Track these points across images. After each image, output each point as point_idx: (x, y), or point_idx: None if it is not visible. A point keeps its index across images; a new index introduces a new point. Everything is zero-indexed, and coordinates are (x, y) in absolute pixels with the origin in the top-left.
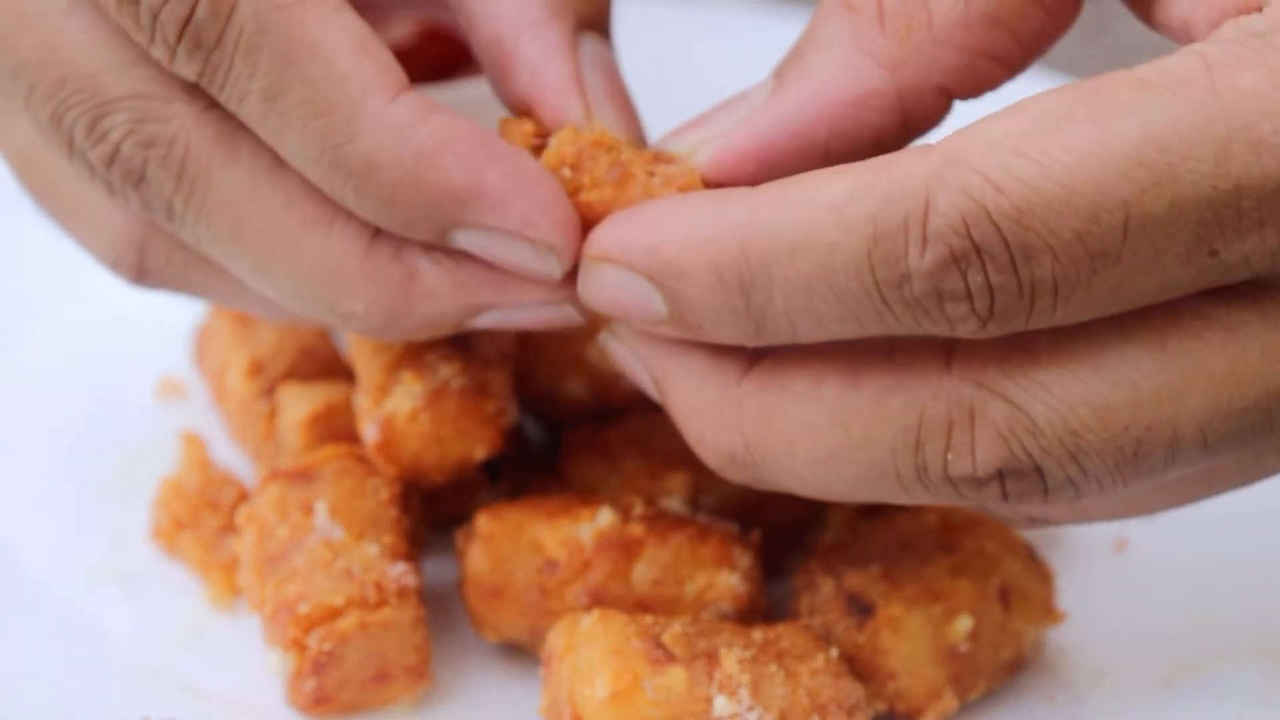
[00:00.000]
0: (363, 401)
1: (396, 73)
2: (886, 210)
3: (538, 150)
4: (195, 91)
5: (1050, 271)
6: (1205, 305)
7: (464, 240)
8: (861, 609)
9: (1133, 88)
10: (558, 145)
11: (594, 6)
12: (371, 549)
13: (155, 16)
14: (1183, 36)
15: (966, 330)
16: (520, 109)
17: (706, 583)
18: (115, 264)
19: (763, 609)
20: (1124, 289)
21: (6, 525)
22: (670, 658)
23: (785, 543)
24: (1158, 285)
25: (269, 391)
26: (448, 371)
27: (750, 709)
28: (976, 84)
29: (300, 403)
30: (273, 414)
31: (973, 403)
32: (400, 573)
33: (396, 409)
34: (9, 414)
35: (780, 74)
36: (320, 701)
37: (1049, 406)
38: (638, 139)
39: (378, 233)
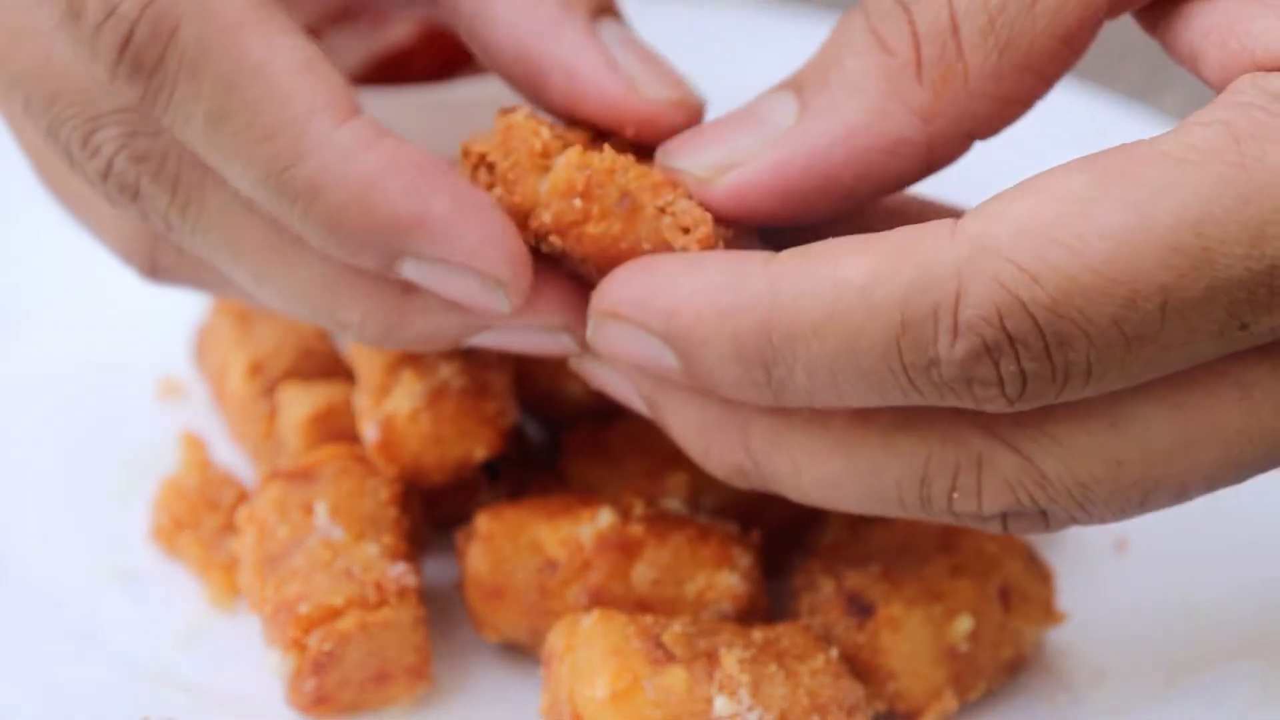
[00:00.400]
0: (363, 401)
1: (346, 96)
2: (915, 297)
3: (542, 165)
4: None
5: (1085, 356)
6: (1221, 363)
7: (411, 271)
8: (862, 609)
9: (1159, 164)
10: (566, 169)
11: None
12: (371, 549)
13: (97, 34)
14: (1189, 64)
15: (993, 408)
16: (568, 116)
17: (706, 583)
18: (128, 260)
19: (763, 609)
20: (1154, 364)
21: (6, 525)
22: (670, 658)
23: (785, 543)
24: (1187, 358)
25: (269, 391)
26: (448, 372)
27: (750, 709)
28: (1000, 125)
29: (300, 403)
30: (273, 414)
31: (981, 451)
32: (400, 573)
33: (397, 409)
34: (9, 414)
35: (806, 101)
36: (320, 701)
37: (1060, 460)
38: (690, 95)
39: None
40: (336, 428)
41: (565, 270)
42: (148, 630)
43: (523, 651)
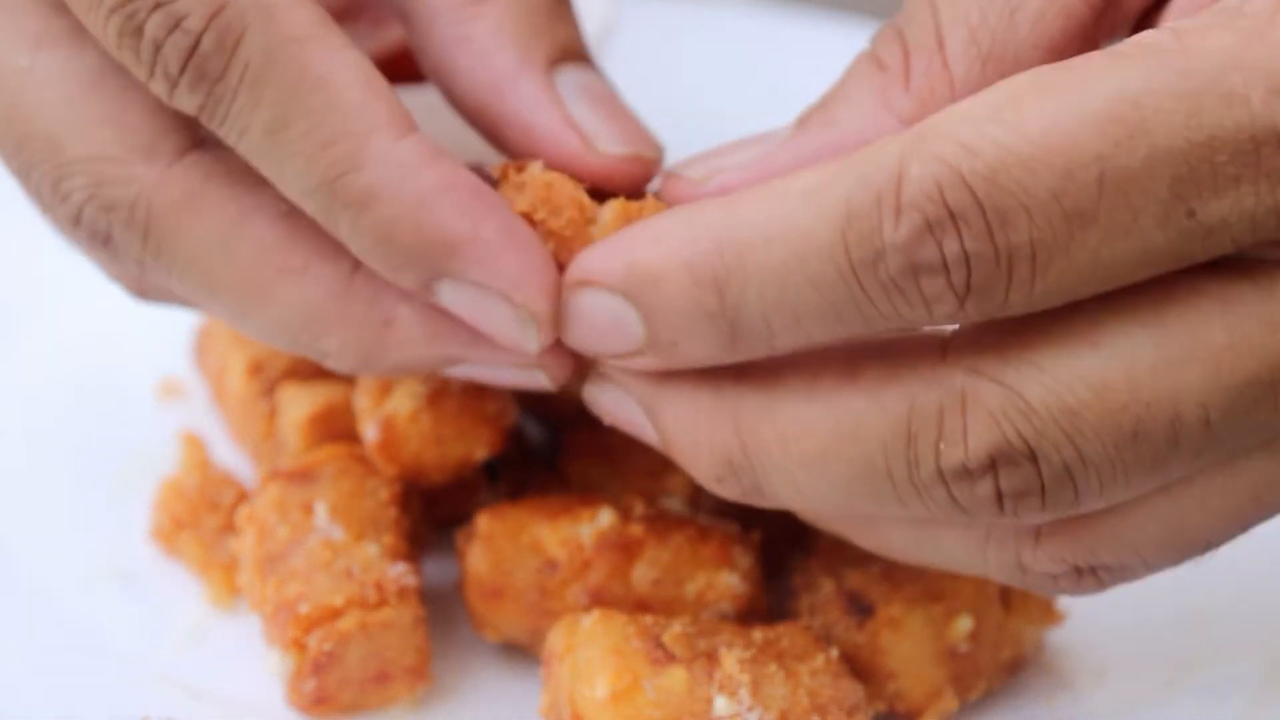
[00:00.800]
0: (363, 401)
1: (405, 114)
2: (859, 187)
3: (588, 219)
4: (156, 151)
5: (1027, 235)
6: (1199, 280)
7: (447, 293)
8: (862, 609)
9: (1103, 58)
10: (614, 220)
11: (562, 38)
12: (371, 549)
13: (159, 48)
14: None
15: (944, 311)
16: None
17: (707, 583)
18: (117, 281)
19: (763, 609)
20: (1103, 256)
21: (6, 525)
22: (670, 658)
23: (785, 543)
24: (1138, 251)
25: (269, 391)
26: None
27: (750, 709)
28: None
29: (300, 403)
30: (273, 414)
31: (964, 388)
32: (400, 573)
33: (397, 409)
34: (9, 414)
35: (803, 120)
36: (320, 702)
37: (1043, 385)
38: (647, 147)
39: (354, 274)
40: (336, 428)
41: None
42: (148, 630)
43: (523, 651)
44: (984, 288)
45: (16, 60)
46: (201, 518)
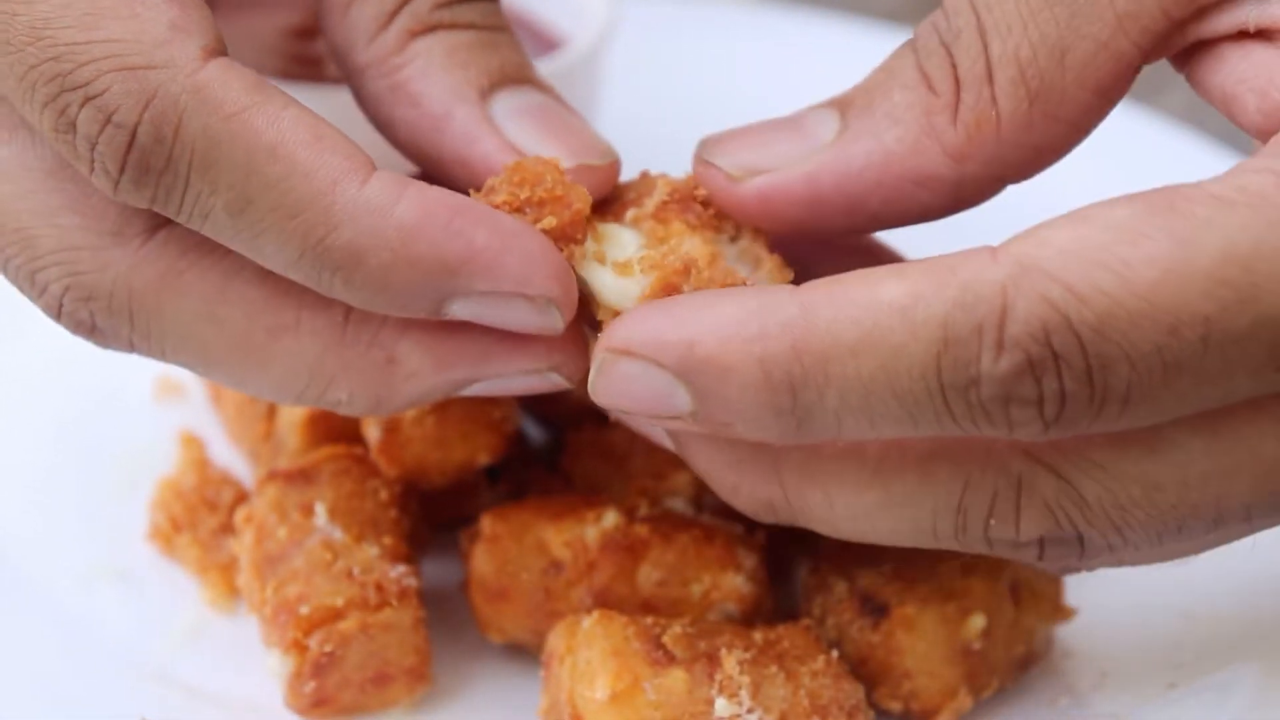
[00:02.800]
0: None
1: (360, 154)
2: (959, 314)
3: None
4: (126, 233)
5: (1125, 381)
6: (1263, 399)
7: (460, 309)
8: (875, 609)
9: (1208, 204)
10: (670, 255)
11: (494, 65)
12: (371, 550)
13: (93, 146)
14: (1223, 107)
15: (1026, 433)
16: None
17: (712, 584)
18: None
19: (768, 610)
20: (1189, 397)
21: (4, 525)
22: (670, 659)
23: (790, 543)
24: (1221, 394)
25: None
26: None
27: (750, 710)
28: (1031, 171)
29: None
30: (271, 414)
31: (1021, 474)
32: (401, 574)
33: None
34: (8, 414)
35: (848, 122)
36: (320, 703)
37: (1099, 482)
38: (594, 155)
39: (347, 319)
40: (335, 428)
41: None
42: (146, 631)
43: (527, 653)
44: (1071, 419)
45: (41, 130)
46: (199, 518)
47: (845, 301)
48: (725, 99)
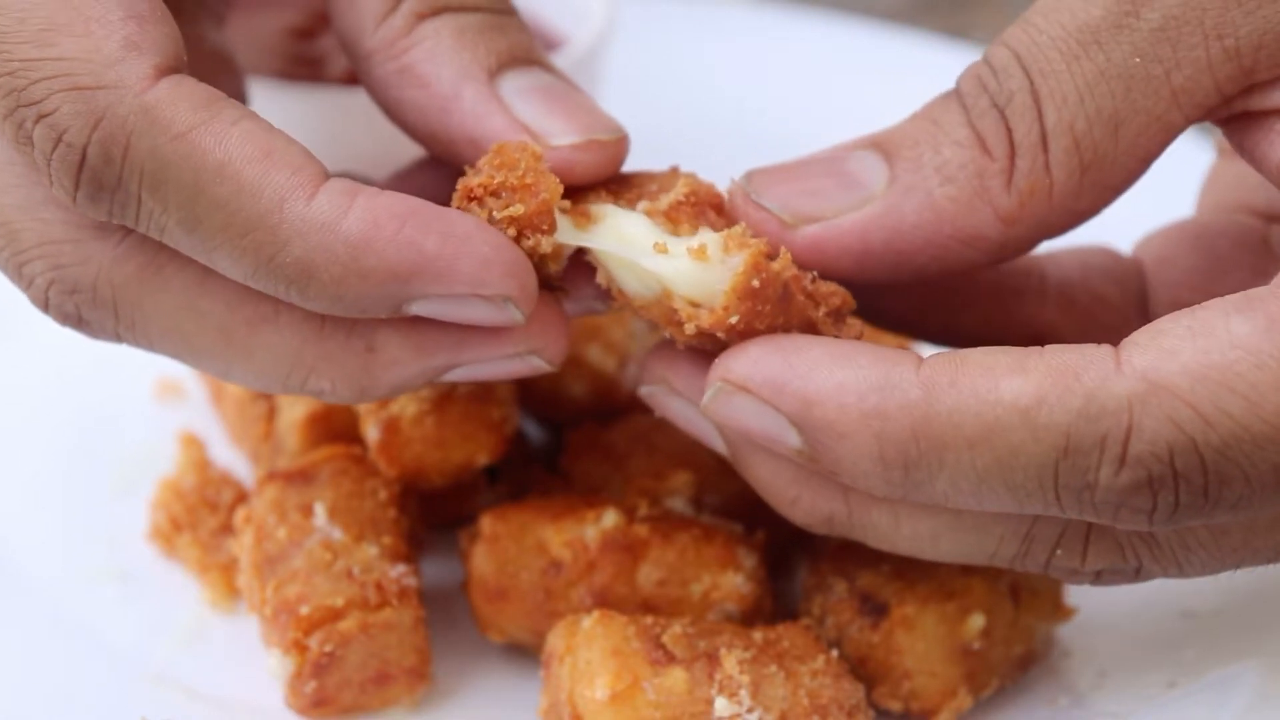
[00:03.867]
0: None
1: (310, 166)
2: (1083, 425)
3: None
4: (107, 227)
5: (1239, 494)
6: None
7: (419, 309)
8: (875, 609)
9: None
10: (744, 278)
11: (501, 46)
12: (371, 550)
13: (49, 160)
14: (1277, 181)
15: (1131, 527)
16: None
17: (712, 584)
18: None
19: (768, 610)
20: None
21: (5, 525)
22: (670, 658)
23: (790, 543)
24: None
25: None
26: None
27: (750, 710)
28: (1068, 229)
29: (298, 403)
30: (271, 414)
31: (1091, 529)
32: (401, 574)
33: (401, 411)
34: (8, 414)
35: (896, 174)
36: (320, 703)
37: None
38: (603, 130)
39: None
40: (335, 428)
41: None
42: (146, 631)
43: (527, 652)
44: (1178, 520)
45: None
46: (199, 519)
47: (968, 392)
48: (725, 99)
